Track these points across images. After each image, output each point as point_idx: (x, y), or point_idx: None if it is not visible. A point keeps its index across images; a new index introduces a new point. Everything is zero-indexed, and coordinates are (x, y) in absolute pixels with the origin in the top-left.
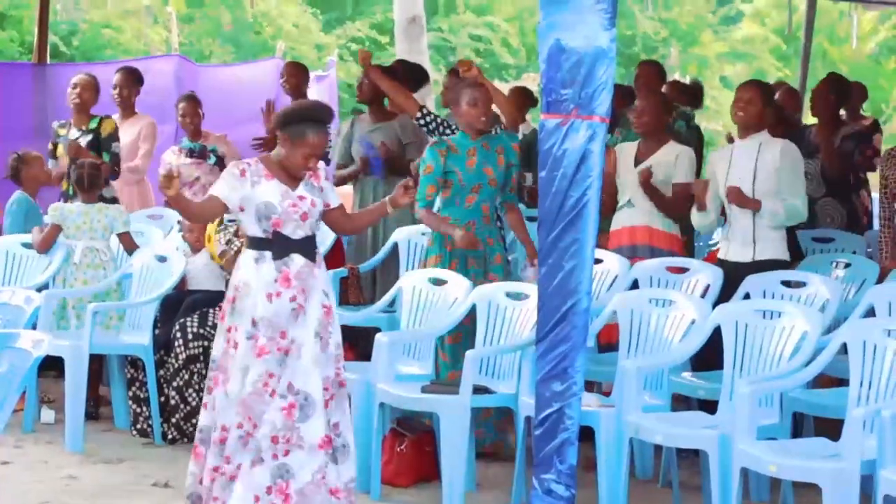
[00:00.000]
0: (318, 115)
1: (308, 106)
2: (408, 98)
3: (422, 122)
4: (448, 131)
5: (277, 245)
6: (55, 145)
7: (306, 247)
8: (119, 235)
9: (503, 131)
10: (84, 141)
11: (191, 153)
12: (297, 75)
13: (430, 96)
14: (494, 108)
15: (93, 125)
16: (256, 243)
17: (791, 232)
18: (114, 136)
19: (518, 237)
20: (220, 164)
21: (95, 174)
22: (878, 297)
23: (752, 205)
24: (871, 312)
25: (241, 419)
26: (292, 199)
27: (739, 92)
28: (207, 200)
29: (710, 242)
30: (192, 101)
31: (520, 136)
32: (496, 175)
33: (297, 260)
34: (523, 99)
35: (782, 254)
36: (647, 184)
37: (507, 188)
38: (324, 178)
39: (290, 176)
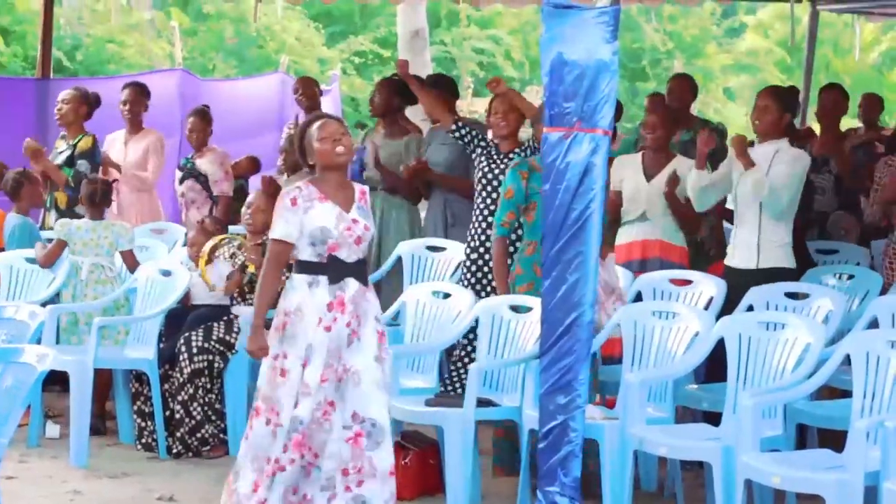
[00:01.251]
0: (320, 115)
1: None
2: (444, 111)
3: (457, 134)
4: (483, 143)
5: (333, 269)
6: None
7: (359, 270)
8: (122, 253)
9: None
10: (64, 156)
11: (181, 170)
12: (311, 89)
13: None
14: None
15: (74, 141)
16: (310, 267)
17: (802, 242)
18: (85, 154)
19: None
20: (201, 180)
21: (108, 190)
22: (881, 309)
23: (746, 161)
24: (874, 324)
25: (302, 449)
26: (347, 223)
27: (757, 99)
28: (273, 247)
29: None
30: (201, 116)
31: None
32: None
33: (352, 284)
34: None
35: (787, 262)
36: (672, 193)
37: None
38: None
39: (344, 198)
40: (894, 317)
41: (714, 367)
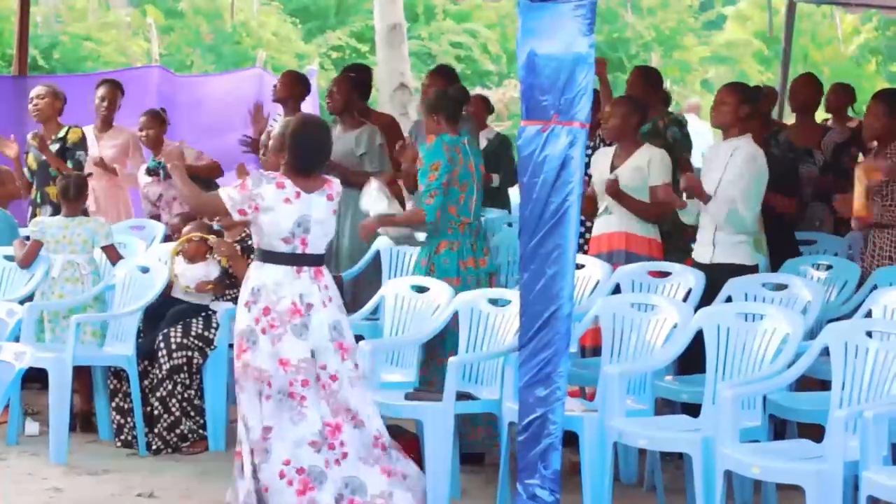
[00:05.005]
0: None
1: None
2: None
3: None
4: None
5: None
6: (27, 154)
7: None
8: (104, 248)
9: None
10: (52, 150)
11: (148, 172)
12: (297, 87)
13: (411, 103)
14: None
15: (60, 134)
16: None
17: (790, 232)
18: (79, 146)
19: None
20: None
21: (82, 185)
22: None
23: (702, 196)
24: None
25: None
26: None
27: (717, 94)
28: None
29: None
30: (153, 115)
31: (484, 141)
32: None
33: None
34: (482, 106)
35: (743, 258)
36: (615, 194)
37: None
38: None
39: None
40: (886, 308)
41: (691, 358)
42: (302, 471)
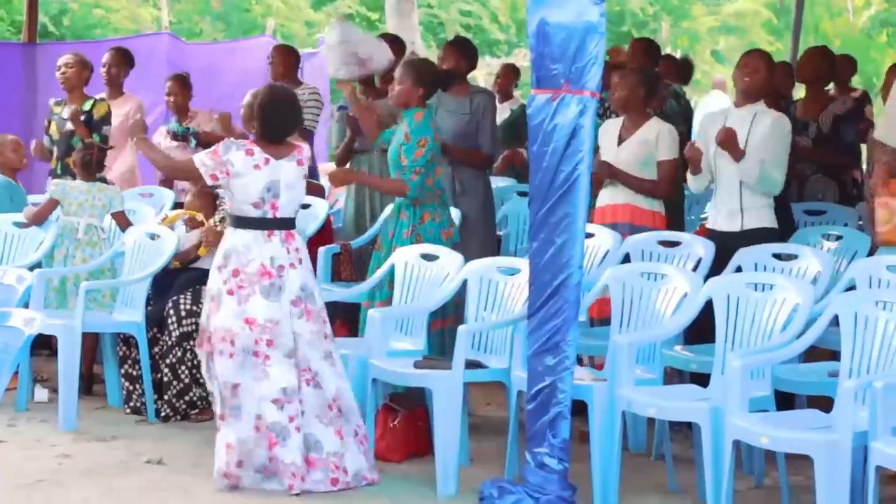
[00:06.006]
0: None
1: None
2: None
3: None
4: None
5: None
6: (49, 122)
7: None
8: (113, 215)
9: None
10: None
11: (175, 136)
12: (285, 59)
13: None
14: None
15: (86, 107)
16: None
17: (785, 205)
18: (106, 119)
19: None
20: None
21: (102, 156)
22: (860, 272)
23: (737, 151)
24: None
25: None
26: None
27: (746, 59)
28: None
29: (702, 217)
30: (179, 81)
31: (507, 111)
32: None
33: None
34: (512, 77)
35: (770, 222)
36: (612, 175)
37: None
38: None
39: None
40: (871, 279)
41: (701, 328)
42: (267, 427)
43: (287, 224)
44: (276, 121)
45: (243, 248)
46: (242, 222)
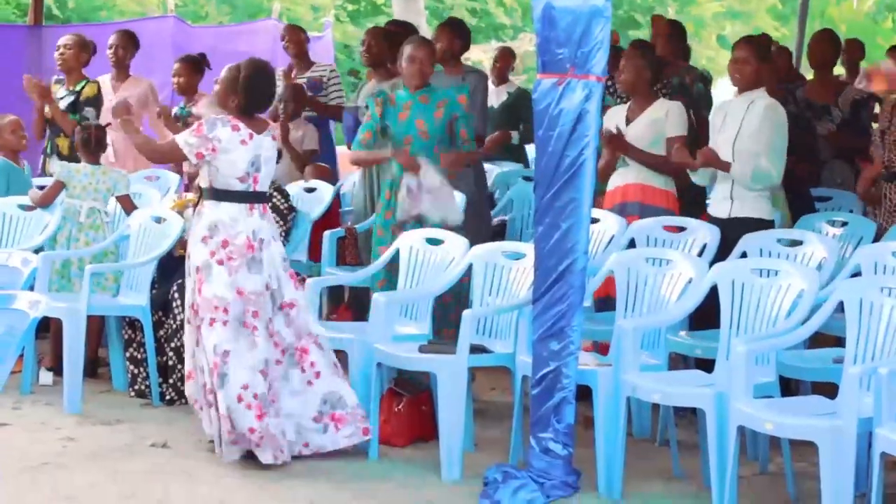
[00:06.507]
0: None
1: None
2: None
3: None
4: None
5: (261, 196)
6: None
7: None
8: (118, 198)
9: (452, 85)
10: (66, 102)
11: (176, 119)
12: (298, 36)
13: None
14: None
15: (78, 87)
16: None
17: (806, 190)
18: (90, 101)
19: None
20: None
21: (102, 137)
22: (865, 258)
23: (722, 166)
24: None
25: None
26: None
27: (735, 51)
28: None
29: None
30: (187, 63)
31: (504, 95)
32: (428, 128)
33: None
34: (509, 60)
35: (760, 212)
36: (623, 148)
37: (454, 140)
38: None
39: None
40: (877, 265)
41: (705, 314)
42: (257, 396)
43: (264, 197)
44: (260, 93)
45: (230, 221)
46: (227, 196)
